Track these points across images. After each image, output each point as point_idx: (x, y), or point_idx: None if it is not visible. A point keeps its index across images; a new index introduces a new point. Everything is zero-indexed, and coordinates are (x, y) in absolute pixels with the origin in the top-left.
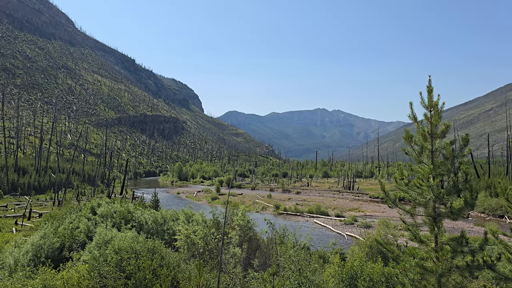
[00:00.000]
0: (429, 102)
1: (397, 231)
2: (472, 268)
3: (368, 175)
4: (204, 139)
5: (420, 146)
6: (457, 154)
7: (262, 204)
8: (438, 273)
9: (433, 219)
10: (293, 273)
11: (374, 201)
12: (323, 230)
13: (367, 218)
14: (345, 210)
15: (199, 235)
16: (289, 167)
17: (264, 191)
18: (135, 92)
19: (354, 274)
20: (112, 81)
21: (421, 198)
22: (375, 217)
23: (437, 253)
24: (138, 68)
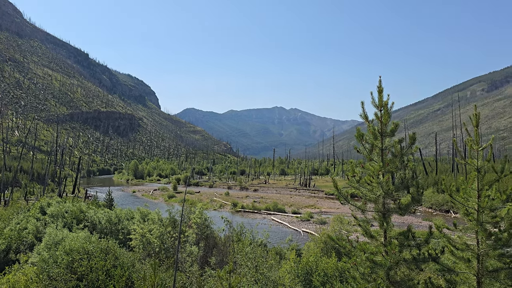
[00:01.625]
0: (380, 102)
1: (350, 227)
2: (418, 261)
3: (324, 172)
4: (161, 136)
5: (370, 144)
6: (405, 152)
7: (220, 202)
8: (386, 266)
9: (382, 215)
10: (250, 270)
11: (330, 198)
12: (280, 227)
13: (323, 214)
14: (302, 207)
15: (155, 234)
16: (247, 164)
17: (222, 189)
18: (88, 88)
19: (309, 269)
20: (64, 75)
21: (371, 195)
22: (330, 213)
23: (386, 248)
24: (92, 63)
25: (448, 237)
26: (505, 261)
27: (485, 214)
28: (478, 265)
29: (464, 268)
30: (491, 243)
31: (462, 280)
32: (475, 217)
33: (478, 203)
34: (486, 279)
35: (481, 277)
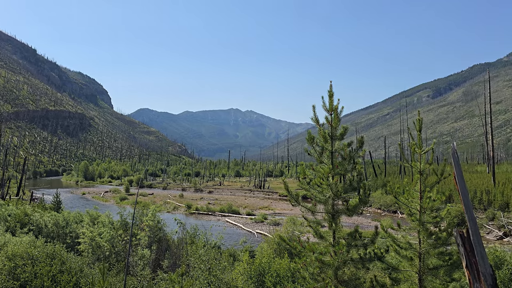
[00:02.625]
0: (330, 106)
1: (303, 228)
2: (364, 260)
3: (278, 174)
4: (113, 137)
5: (321, 147)
6: (354, 155)
7: (174, 204)
8: (334, 266)
9: (331, 216)
10: (203, 272)
11: (284, 199)
12: (234, 228)
13: (277, 216)
14: (256, 208)
15: (105, 237)
16: (202, 166)
17: (176, 190)
18: (36, 85)
19: (262, 270)
20: (8, 71)
21: (321, 196)
22: (284, 214)
23: (335, 248)
24: (40, 59)
25: (393, 236)
26: (444, 259)
27: (426, 214)
28: (420, 263)
29: (407, 266)
30: (432, 242)
31: (405, 277)
32: (417, 218)
33: (420, 204)
34: (427, 276)
35: (422, 274)
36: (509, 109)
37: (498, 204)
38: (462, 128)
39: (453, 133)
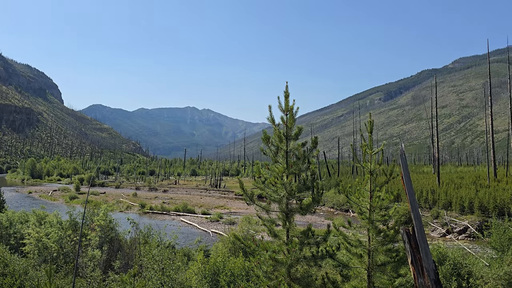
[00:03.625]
0: (286, 106)
1: (258, 227)
2: (316, 258)
3: (234, 173)
4: (64, 133)
5: (276, 147)
6: (308, 154)
7: (127, 203)
8: (287, 264)
9: (285, 215)
10: (156, 273)
11: (240, 199)
12: (190, 228)
13: (232, 215)
14: (212, 207)
15: (53, 238)
16: (157, 164)
17: (130, 189)
18: None
19: (217, 270)
20: None
21: (276, 195)
22: (240, 213)
23: (288, 246)
24: None
25: (344, 234)
26: (392, 255)
27: (376, 213)
28: (369, 260)
29: (357, 263)
30: (380, 239)
31: (355, 274)
32: (367, 216)
33: (370, 203)
34: (376, 273)
35: (371, 271)
36: (453, 113)
37: (442, 203)
38: (410, 130)
39: (402, 135)
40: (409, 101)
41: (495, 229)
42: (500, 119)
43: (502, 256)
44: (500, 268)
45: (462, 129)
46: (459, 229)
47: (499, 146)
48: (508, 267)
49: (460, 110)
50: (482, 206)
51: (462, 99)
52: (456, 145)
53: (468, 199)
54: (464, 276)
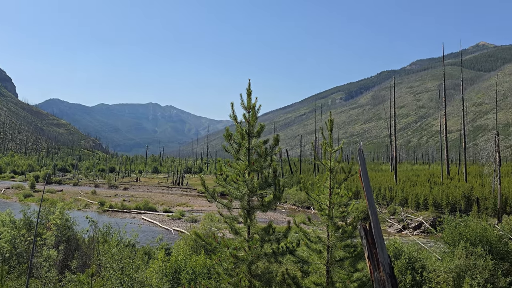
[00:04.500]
0: (248, 104)
1: (221, 224)
2: (277, 254)
3: (197, 171)
4: (18, 128)
5: (238, 144)
6: (269, 152)
7: (85, 201)
8: (248, 260)
9: (247, 212)
10: (115, 272)
11: (202, 196)
12: (151, 226)
13: (195, 212)
14: (174, 205)
15: (5, 237)
16: (118, 161)
17: (89, 187)
18: None
19: (178, 268)
20: None
21: (237, 192)
22: (202, 211)
23: (249, 243)
24: None
25: (304, 231)
26: (350, 251)
27: (335, 209)
28: (328, 256)
29: (316, 259)
30: (339, 235)
31: (315, 269)
32: (327, 213)
33: (329, 200)
34: (334, 268)
35: (330, 266)
36: (410, 114)
37: (399, 200)
38: (370, 129)
39: (362, 134)
40: (369, 101)
41: (447, 225)
42: (454, 120)
43: (453, 250)
44: (451, 261)
45: (418, 129)
46: (414, 224)
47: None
48: (459, 260)
49: (416, 110)
50: (436, 202)
51: (419, 100)
52: (412, 144)
53: (423, 196)
54: (418, 270)
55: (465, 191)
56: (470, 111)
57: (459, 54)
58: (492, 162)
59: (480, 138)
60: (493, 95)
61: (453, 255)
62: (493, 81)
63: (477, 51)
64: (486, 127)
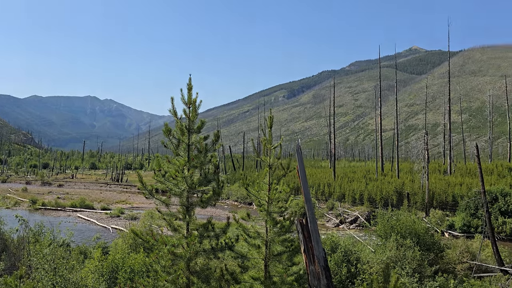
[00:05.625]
0: (189, 99)
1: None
2: (216, 250)
3: (138, 167)
4: None
5: (178, 140)
6: (210, 148)
7: (15, 199)
8: (186, 257)
9: (186, 208)
10: (47, 273)
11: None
12: (87, 224)
13: (135, 210)
14: (112, 202)
15: None
16: (52, 157)
17: (19, 184)
18: None
19: (116, 267)
20: None
21: (176, 189)
22: (143, 208)
23: (187, 239)
24: None
25: (244, 226)
26: (287, 245)
27: (273, 205)
28: (266, 250)
29: (255, 254)
30: (277, 230)
31: (253, 264)
32: (265, 208)
33: (268, 196)
34: (272, 262)
35: (268, 260)
36: (349, 113)
37: (337, 195)
38: (311, 127)
39: (303, 131)
40: (310, 99)
41: (380, 219)
42: (388, 119)
43: (386, 242)
44: (383, 253)
45: (356, 127)
46: (351, 219)
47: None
48: (390, 252)
49: (354, 109)
50: (371, 197)
51: (357, 100)
52: (350, 142)
53: (359, 191)
54: (353, 262)
55: (397, 186)
56: (403, 111)
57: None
58: (421, 160)
59: (412, 137)
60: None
61: (385, 247)
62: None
63: (410, 54)
64: (417, 126)
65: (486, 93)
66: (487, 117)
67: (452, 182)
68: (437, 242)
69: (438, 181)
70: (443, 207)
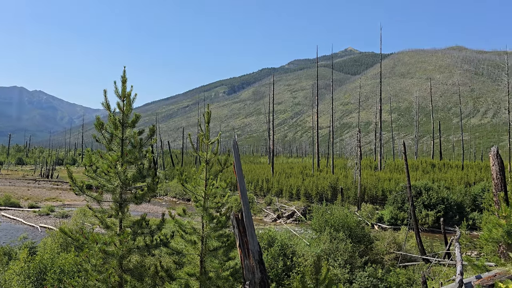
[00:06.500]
0: (123, 92)
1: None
2: (150, 247)
3: (70, 162)
4: None
5: (110, 134)
6: (145, 143)
7: None
8: (119, 255)
9: (119, 205)
10: None
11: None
12: (13, 223)
13: (66, 207)
14: (42, 200)
15: None
16: None
17: None
18: None
19: (44, 268)
20: None
21: (109, 185)
22: (75, 206)
23: (120, 237)
24: None
25: (180, 222)
26: (223, 240)
27: (210, 200)
28: (202, 246)
29: (191, 249)
30: (213, 225)
31: (189, 260)
32: (202, 204)
33: (205, 191)
34: (208, 258)
35: (204, 256)
36: (287, 110)
37: (275, 191)
38: (251, 123)
39: (243, 128)
40: (250, 96)
41: (315, 213)
42: (325, 117)
43: (320, 236)
44: (317, 246)
45: (294, 124)
46: (288, 213)
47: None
48: (324, 245)
49: (293, 107)
50: (307, 193)
51: (295, 97)
52: (288, 139)
53: (296, 187)
54: (289, 256)
55: (332, 182)
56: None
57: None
58: (354, 156)
59: (346, 134)
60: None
61: (320, 240)
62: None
63: (346, 55)
64: (351, 124)
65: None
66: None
67: (382, 177)
68: (367, 235)
69: (369, 177)
70: (373, 201)
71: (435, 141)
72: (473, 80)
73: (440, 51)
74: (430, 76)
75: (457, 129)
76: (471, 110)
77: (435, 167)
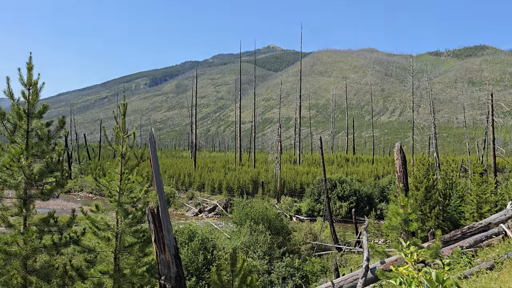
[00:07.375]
0: (29, 80)
1: None
2: (59, 245)
3: None
4: None
5: (14, 125)
6: (53, 135)
7: None
8: (22, 255)
9: (23, 201)
10: None
11: None
12: None
13: None
14: None
15: None
16: None
17: None
18: None
19: None
20: None
21: (12, 180)
22: None
23: (23, 236)
24: None
25: (92, 219)
26: (139, 236)
27: (125, 195)
28: (116, 243)
29: (104, 246)
30: (129, 221)
31: (103, 258)
32: (116, 199)
33: (119, 186)
34: (123, 254)
35: (118, 253)
36: (211, 104)
37: (197, 185)
38: (173, 117)
39: (165, 121)
40: (173, 89)
41: (236, 206)
42: (247, 112)
43: (240, 228)
44: (238, 239)
45: (217, 119)
46: (209, 207)
47: (245, 135)
48: (244, 237)
49: (216, 101)
50: (229, 186)
51: (219, 92)
52: (211, 133)
53: (218, 181)
54: (210, 249)
55: (253, 176)
56: (261, 105)
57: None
58: (275, 151)
59: (268, 129)
60: (279, 92)
61: (240, 233)
62: (279, 80)
63: (268, 52)
64: (273, 120)
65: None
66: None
67: (300, 171)
68: (285, 226)
69: (289, 171)
70: (292, 194)
71: (349, 136)
72: (383, 80)
73: (355, 52)
74: (345, 75)
75: (369, 126)
76: (381, 108)
77: (349, 161)
